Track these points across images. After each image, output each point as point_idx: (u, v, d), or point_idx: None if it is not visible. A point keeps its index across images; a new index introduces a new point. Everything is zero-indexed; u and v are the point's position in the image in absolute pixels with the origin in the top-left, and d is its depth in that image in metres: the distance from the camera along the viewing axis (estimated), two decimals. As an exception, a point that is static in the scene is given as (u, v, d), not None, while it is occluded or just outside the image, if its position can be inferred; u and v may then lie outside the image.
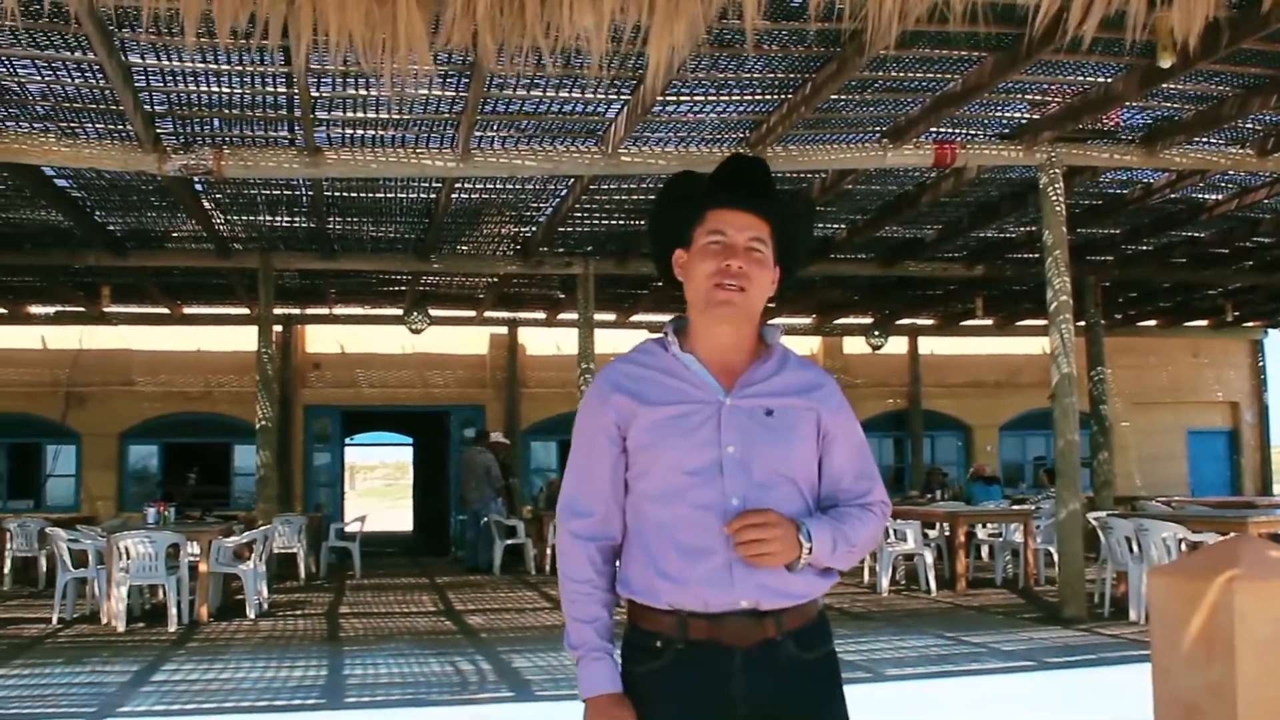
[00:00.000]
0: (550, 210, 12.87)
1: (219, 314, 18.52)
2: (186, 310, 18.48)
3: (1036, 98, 9.72)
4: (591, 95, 9.23)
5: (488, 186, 11.93)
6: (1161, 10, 5.80)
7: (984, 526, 13.76)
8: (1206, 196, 12.86)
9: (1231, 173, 11.59)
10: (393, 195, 12.23)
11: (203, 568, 10.39)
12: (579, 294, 15.16)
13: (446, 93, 8.97)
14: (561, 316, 18.94)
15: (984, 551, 14.02)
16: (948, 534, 12.86)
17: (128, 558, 9.85)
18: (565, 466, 2.33)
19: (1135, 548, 9.52)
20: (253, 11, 5.14)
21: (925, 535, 12.43)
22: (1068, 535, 9.95)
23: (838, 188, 11.65)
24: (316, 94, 8.88)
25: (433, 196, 12.13)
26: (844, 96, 9.32)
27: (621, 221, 13.48)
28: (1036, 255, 11.31)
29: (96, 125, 9.61)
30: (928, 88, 9.27)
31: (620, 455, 2.19)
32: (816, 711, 2.14)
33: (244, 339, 16.88)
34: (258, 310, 14.52)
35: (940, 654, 8.20)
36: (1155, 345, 21.84)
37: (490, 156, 10.18)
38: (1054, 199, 10.19)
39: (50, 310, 18.18)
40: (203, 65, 8.35)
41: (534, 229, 13.77)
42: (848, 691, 2.19)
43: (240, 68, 8.40)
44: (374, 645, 8.95)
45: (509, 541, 14.98)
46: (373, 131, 9.91)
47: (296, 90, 8.62)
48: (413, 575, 15.41)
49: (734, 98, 9.40)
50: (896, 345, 20.82)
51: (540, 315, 19.45)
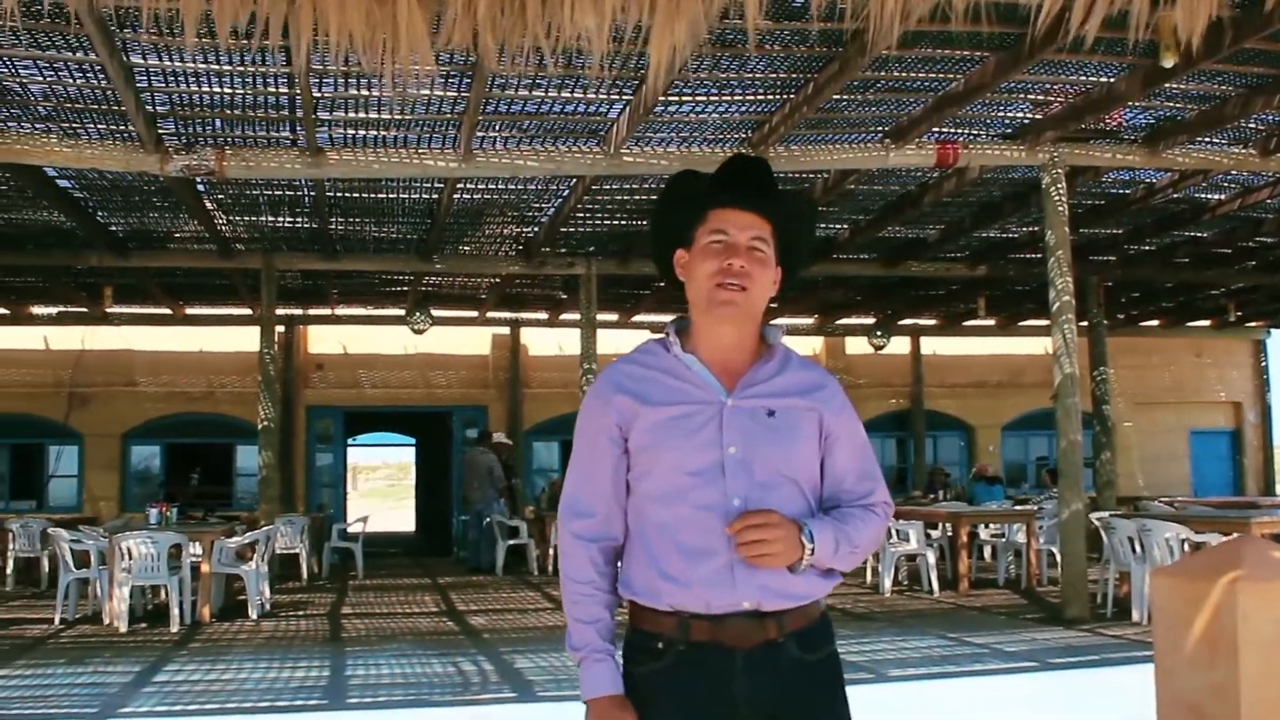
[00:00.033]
0: (552, 210, 12.87)
1: (221, 314, 18.53)
2: (189, 311, 18.49)
3: (1039, 97, 9.71)
4: (593, 95, 9.22)
5: (490, 187, 11.93)
6: (1164, 9, 5.80)
7: (986, 527, 13.75)
8: (1209, 196, 12.85)
9: (1234, 173, 11.58)
10: (395, 196, 12.23)
11: (205, 568, 10.39)
12: (581, 294, 15.16)
13: (448, 93, 8.97)
14: (564, 317, 18.94)
15: (986, 552, 14.02)
16: (950, 534, 12.84)
17: (130, 558, 9.86)
18: (567, 467, 2.32)
19: (1138, 548, 9.51)
20: (253, 11, 5.14)
21: (928, 536, 12.42)
22: (1070, 535, 9.95)
23: (840, 188, 11.65)
24: (319, 94, 8.88)
25: (435, 197, 12.12)
26: (846, 96, 9.32)
27: (624, 222, 13.48)
28: (1039, 255, 11.29)
29: (98, 126, 9.62)
30: (930, 87, 9.26)
31: (622, 456, 2.19)
32: (819, 713, 2.13)
33: (246, 339, 16.89)
34: (260, 311, 14.52)
35: (943, 655, 8.20)
36: (1158, 345, 21.82)
37: (492, 157, 10.18)
38: (1056, 199, 10.19)
39: (53, 311, 18.19)
40: (204, 66, 8.35)
41: (536, 229, 13.77)
42: (850, 692, 2.19)
43: (242, 68, 8.40)
44: (376, 646, 8.95)
45: (511, 542, 14.98)
46: (375, 132, 9.91)
47: (299, 91, 8.63)
48: (415, 576, 15.41)
49: (736, 98, 9.39)
50: (899, 345, 20.82)
51: (542, 315, 19.45)
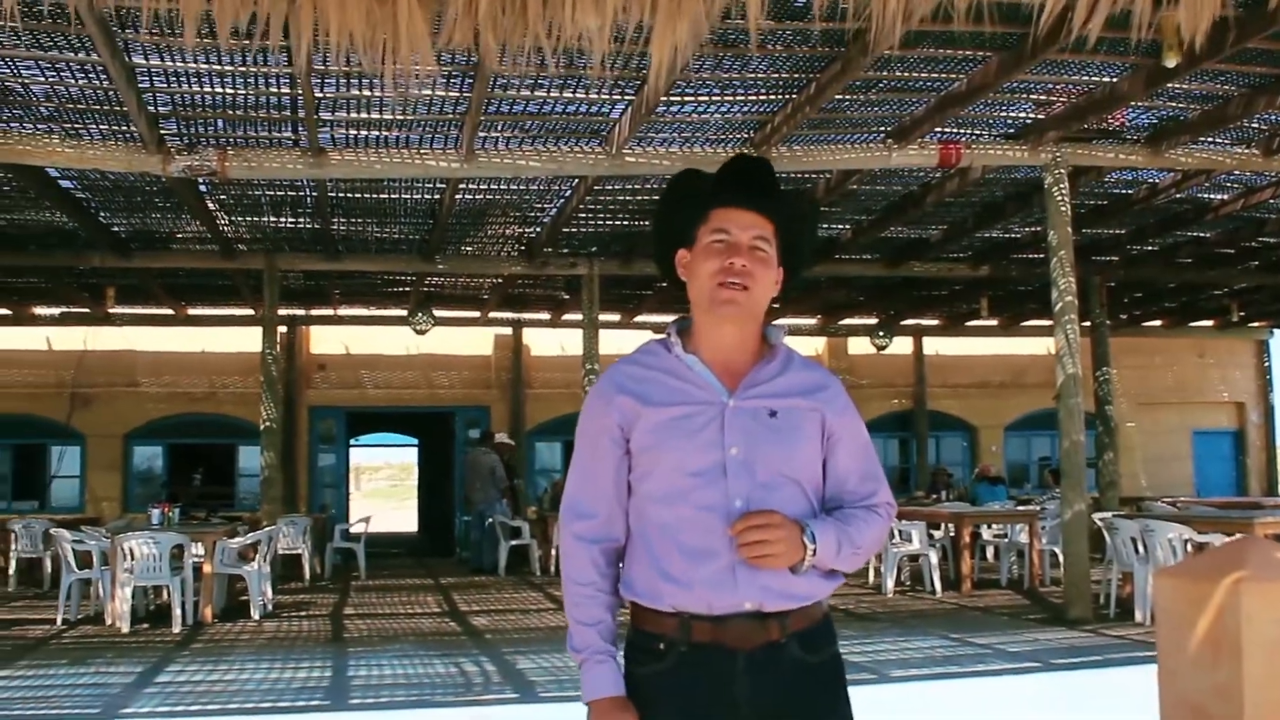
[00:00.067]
0: (554, 211, 12.87)
1: (224, 315, 18.54)
2: (191, 311, 18.51)
3: (1041, 97, 9.70)
4: (595, 96, 9.22)
5: (492, 187, 11.93)
6: (1167, 9, 5.79)
7: (989, 527, 13.74)
8: (1212, 196, 12.84)
9: (1237, 172, 11.57)
10: (397, 196, 12.23)
11: (207, 569, 10.39)
12: (583, 295, 15.16)
13: (450, 93, 8.98)
14: (566, 317, 18.94)
15: (989, 552, 14.00)
16: (953, 535, 12.83)
17: (132, 559, 9.86)
18: (569, 468, 2.31)
19: (1141, 548, 9.49)
20: (253, 11, 5.13)
21: (930, 536, 12.41)
22: (1073, 536, 9.94)
23: (842, 188, 11.65)
24: (320, 95, 8.88)
25: (437, 197, 12.12)
26: (848, 96, 9.31)
27: (626, 222, 13.47)
28: (1041, 255, 11.28)
29: (100, 126, 9.63)
30: (932, 88, 9.26)
31: (623, 457, 2.18)
32: (821, 714, 2.12)
33: (249, 340, 16.90)
34: (262, 311, 14.53)
35: (945, 655, 8.18)
36: (1160, 345, 21.80)
37: (494, 157, 10.18)
38: (1059, 199, 10.17)
39: (55, 311, 18.21)
40: (206, 66, 8.35)
41: (538, 230, 13.76)
42: (853, 693, 2.18)
43: (244, 69, 8.40)
44: (378, 646, 8.94)
45: (514, 542, 14.97)
46: (377, 132, 9.91)
47: (300, 91, 8.63)
48: (417, 576, 15.41)
49: (738, 98, 9.39)
50: (901, 346, 20.81)
51: (545, 316, 19.46)
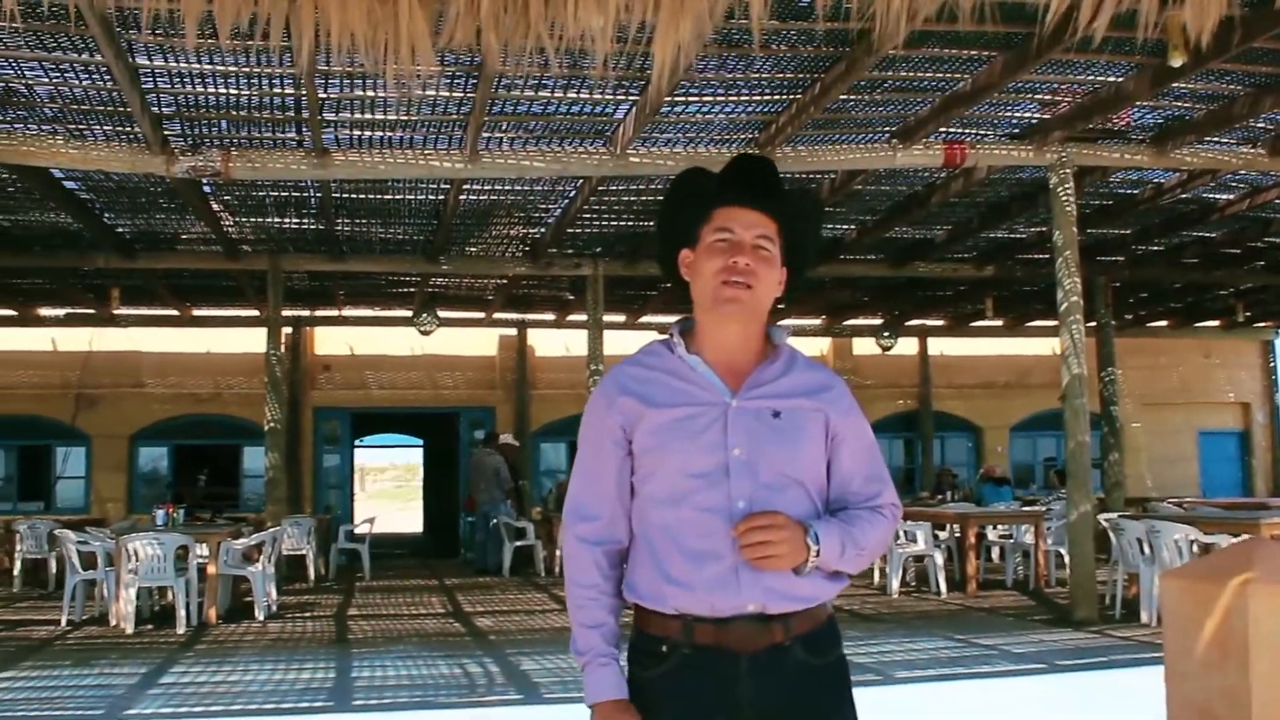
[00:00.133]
0: (559, 211, 12.86)
1: (228, 316, 18.55)
2: (196, 312, 18.53)
3: (1046, 97, 9.68)
4: (599, 96, 9.21)
5: (496, 188, 11.92)
6: (1173, 9, 5.76)
7: (994, 528, 13.72)
8: (1218, 196, 12.81)
9: (1243, 172, 11.53)
10: (401, 197, 12.23)
11: (211, 570, 10.39)
12: (588, 295, 15.14)
13: (454, 94, 8.97)
14: (571, 318, 18.94)
15: (994, 553, 13.98)
16: (958, 535, 12.81)
17: (136, 559, 9.86)
18: (572, 469, 2.30)
19: (1147, 549, 9.47)
20: (254, 12, 5.12)
21: (935, 537, 12.39)
22: (1078, 537, 9.91)
23: (847, 188, 11.63)
24: (324, 95, 8.87)
25: (441, 198, 12.12)
26: (853, 97, 9.30)
27: (630, 222, 13.46)
28: (1047, 256, 11.29)
29: (104, 127, 9.63)
30: (937, 87, 9.24)
31: (626, 458, 2.17)
32: (825, 716, 2.11)
33: (253, 341, 16.91)
34: (267, 312, 14.54)
35: (950, 656, 8.17)
36: (1166, 346, 21.76)
37: (498, 158, 10.17)
38: (1064, 199, 10.15)
39: (60, 312, 18.23)
40: (210, 67, 8.35)
41: (543, 230, 13.75)
42: (857, 694, 2.17)
43: (248, 69, 8.40)
44: (382, 647, 8.94)
45: (518, 543, 14.97)
46: (381, 133, 9.91)
47: (304, 92, 8.63)
48: (422, 577, 15.40)
49: (742, 98, 9.37)
50: (906, 346, 20.78)
51: (549, 316, 19.45)
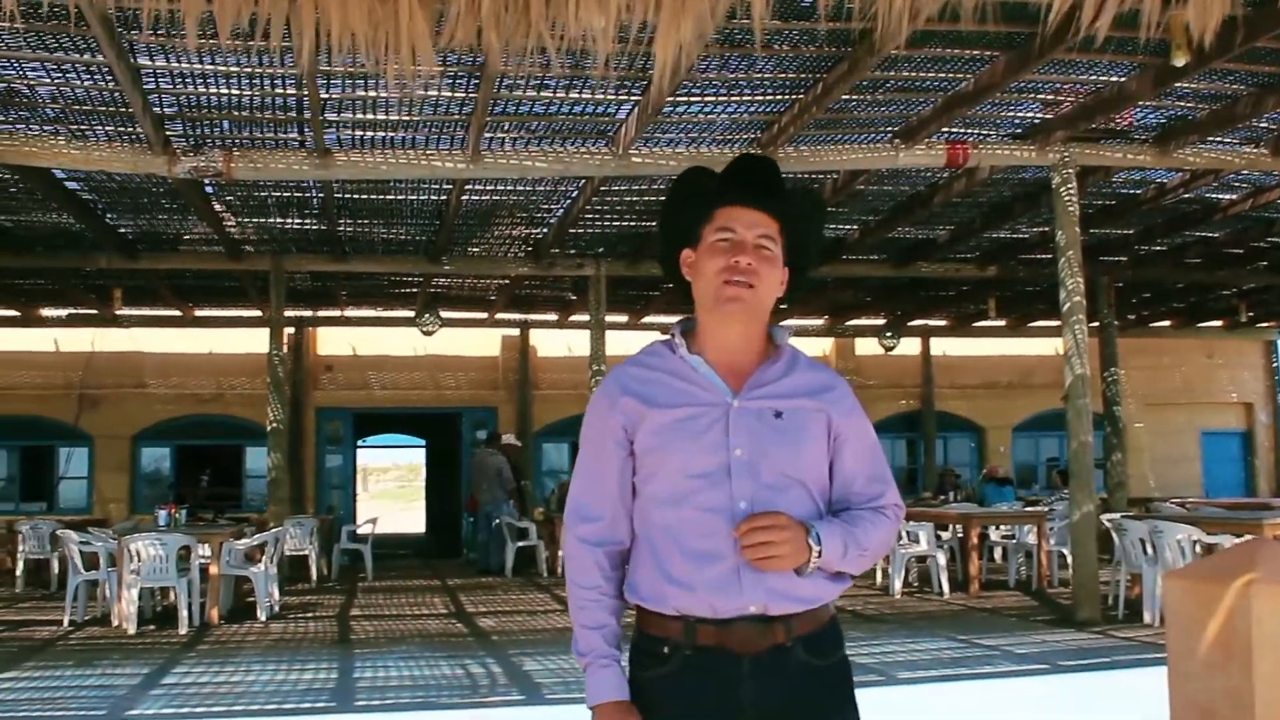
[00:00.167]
0: (561, 211, 12.85)
1: (230, 316, 18.56)
2: (198, 313, 18.53)
3: (1049, 97, 9.67)
4: (602, 96, 9.21)
5: (498, 188, 11.92)
6: (1176, 8, 5.75)
7: (997, 528, 13.70)
8: (1220, 196, 12.79)
9: (1246, 172, 11.52)
10: (403, 197, 12.23)
11: (213, 570, 10.39)
12: (591, 295, 15.14)
13: (456, 94, 8.97)
14: (573, 318, 18.94)
15: (997, 553, 13.96)
16: (960, 536, 12.80)
17: (138, 560, 9.86)
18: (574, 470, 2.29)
19: (1149, 550, 9.45)
20: (254, 12, 5.12)
21: (938, 537, 12.38)
22: (1081, 537, 9.90)
23: (849, 188, 11.62)
24: (326, 96, 8.87)
25: (443, 198, 12.11)
26: (855, 97, 9.29)
27: (633, 223, 13.46)
28: (1049, 256, 11.27)
29: (106, 128, 9.64)
30: (939, 87, 9.23)
31: (628, 459, 2.16)
32: (827, 717, 2.10)
33: (256, 341, 16.91)
34: (269, 312, 14.54)
35: (953, 657, 8.16)
36: (1169, 346, 21.74)
37: (500, 158, 10.16)
38: (1067, 199, 10.14)
39: (62, 313, 18.25)
40: (212, 67, 8.36)
41: (545, 230, 13.75)
42: (860, 695, 2.16)
43: (249, 70, 8.40)
44: (385, 648, 8.94)
45: (521, 544, 14.96)
46: (382, 133, 9.91)
47: (306, 92, 8.63)
48: (424, 577, 15.40)
49: (745, 98, 9.37)
50: (909, 346, 20.76)
51: (552, 317, 19.45)
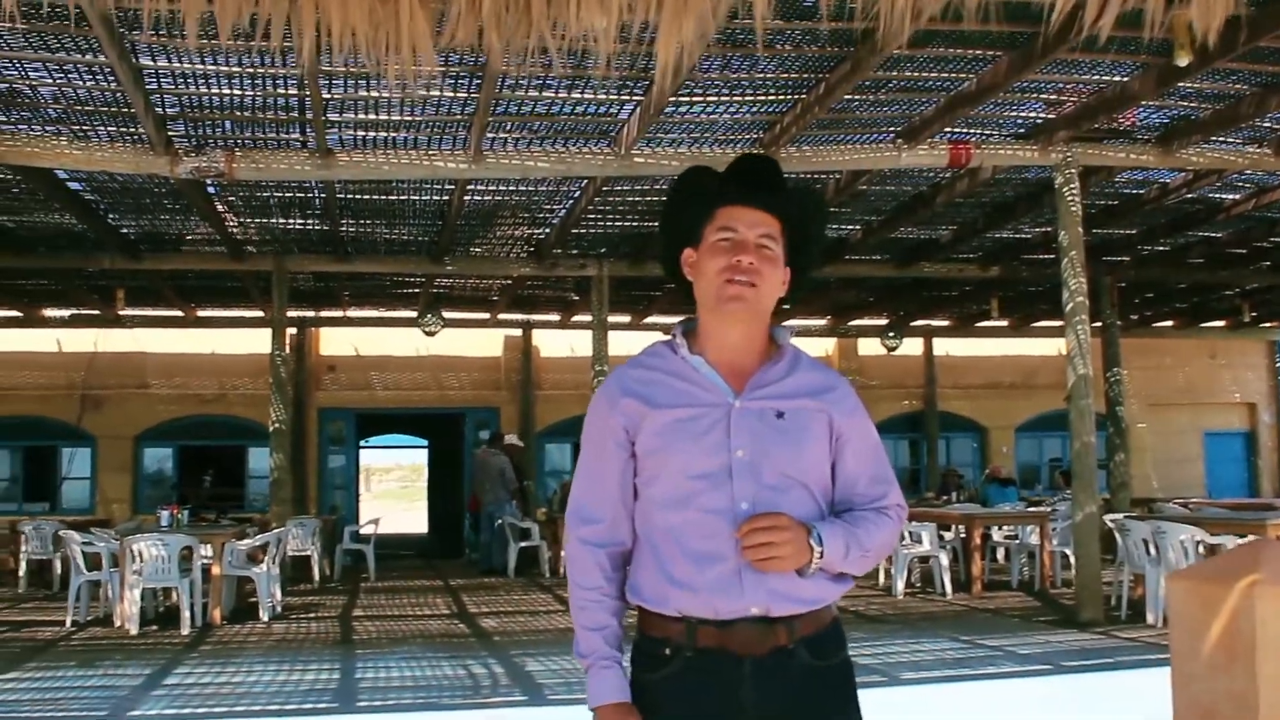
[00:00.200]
0: (563, 212, 12.85)
1: (233, 316, 18.57)
2: (201, 313, 18.54)
3: (1052, 97, 9.66)
4: (604, 96, 9.20)
5: (500, 188, 11.92)
6: (1179, 7, 5.74)
7: (1000, 529, 13.69)
8: (1223, 196, 12.77)
9: (1249, 172, 11.50)
10: (406, 197, 12.22)
11: (216, 570, 10.39)
12: (593, 296, 15.13)
13: (458, 94, 8.97)
14: (576, 318, 18.93)
15: (1000, 554, 13.94)
16: (963, 536, 12.78)
17: (141, 560, 9.86)
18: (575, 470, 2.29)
19: (1152, 550, 9.44)
20: (254, 12, 5.11)
21: (941, 537, 12.36)
22: (1084, 537, 9.88)
23: (852, 188, 11.61)
24: (328, 96, 8.87)
25: (445, 198, 12.11)
26: (858, 96, 9.28)
27: (635, 223, 13.45)
28: (1052, 256, 11.24)
29: (108, 128, 9.64)
30: (942, 87, 9.22)
31: (629, 460, 2.15)
32: (829, 718, 2.09)
33: (258, 341, 16.90)
34: (272, 313, 14.54)
35: (956, 657, 8.15)
36: (1172, 346, 21.71)
37: (502, 158, 10.16)
38: (1069, 199, 10.12)
39: (65, 313, 18.26)
40: (214, 68, 8.36)
41: (547, 231, 13.75)
42: (863, 695, 2.15)
43: (251, 70, 8.40)
44: (387, 648, 8.93)
45: (523, 544, 14.96)
46: (385, 134, 9.91)
47: (308, 92, 8.62)
48: (427, 578, 15.40)
49: (747, 98, 9.36)
50: (911, 346, 20.73)
51: (554, 317, 19.44)
